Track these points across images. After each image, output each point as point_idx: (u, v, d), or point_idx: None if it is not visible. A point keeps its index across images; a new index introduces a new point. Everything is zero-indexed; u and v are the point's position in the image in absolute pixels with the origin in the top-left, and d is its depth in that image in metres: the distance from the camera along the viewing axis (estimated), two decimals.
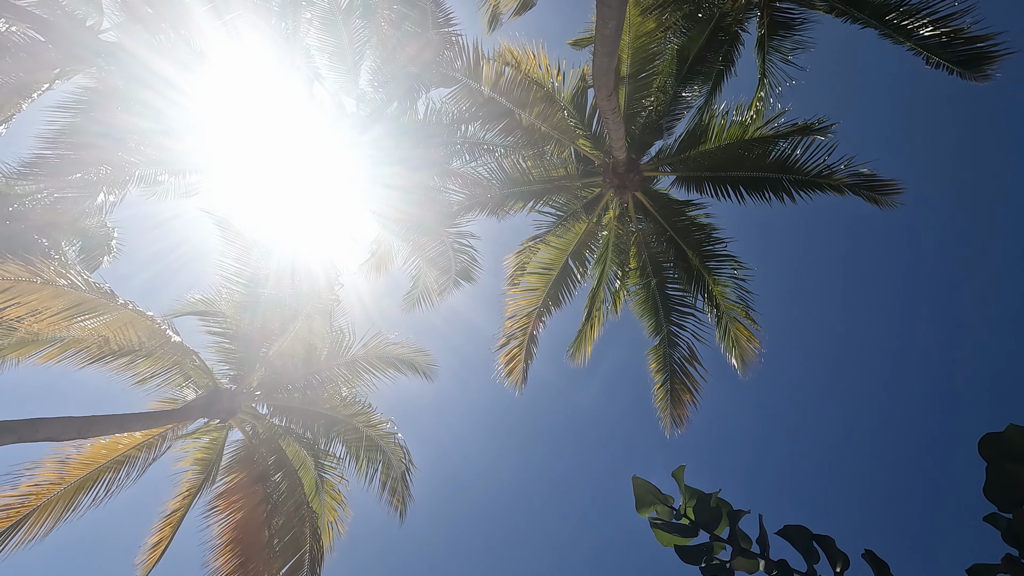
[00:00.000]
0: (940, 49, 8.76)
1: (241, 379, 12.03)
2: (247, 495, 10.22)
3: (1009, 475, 1.13)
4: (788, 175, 10.07)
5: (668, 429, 10.87)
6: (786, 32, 10.52)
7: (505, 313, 11.49)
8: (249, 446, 11.63)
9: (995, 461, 1.17)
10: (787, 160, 9.99)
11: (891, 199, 9.58)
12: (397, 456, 11.58)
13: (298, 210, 11.39)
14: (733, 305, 10.73)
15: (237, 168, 11.25)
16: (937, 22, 8.76)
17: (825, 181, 9.87)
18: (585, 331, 11.65)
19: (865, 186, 9.65)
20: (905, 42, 9.03)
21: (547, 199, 11.48)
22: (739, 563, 1.55)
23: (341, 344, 12.01)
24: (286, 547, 9.28)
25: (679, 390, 10.84)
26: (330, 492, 11.41)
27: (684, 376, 10.84)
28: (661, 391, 11.03)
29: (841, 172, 9.78)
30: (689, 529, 1.57)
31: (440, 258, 11.65)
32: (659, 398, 11.06)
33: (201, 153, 10.41)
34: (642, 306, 11.37)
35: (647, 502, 1.59)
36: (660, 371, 11.07)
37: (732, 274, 10.74)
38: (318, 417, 12.27)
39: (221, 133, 10.44)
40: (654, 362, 11.19)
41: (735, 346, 10.72)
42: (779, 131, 9.94)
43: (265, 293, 10.35)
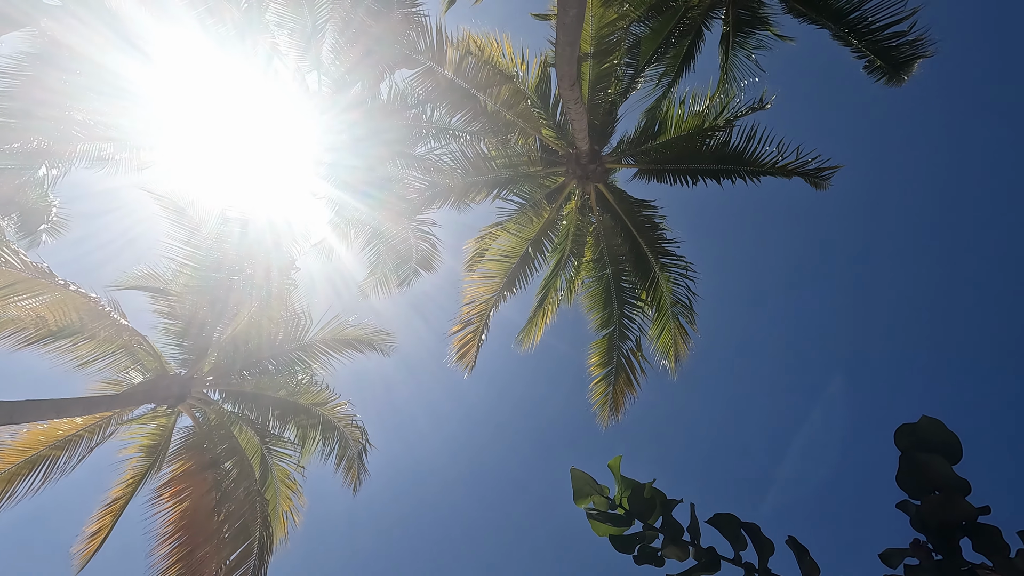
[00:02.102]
0: (884, 52, 9.26)
1: (192, 364, 11.67)
2: (195, 483, 9.94)
3: (920, 464, 1.15)
4: (743, 167, 10.39)
5: (607, 420, 11.02)
6: (749, 29, 10.71)
7: (463, 299, 11.42)
8: (199, 433, 11.31)
9: (908, 451, 1.20)
10: (742, 153, 10.31)
11: (826, 181, 10.10)
12: (355, 437, 11.48)
13: (255, 189, 11.03)
14: (678, 303, 10.97)
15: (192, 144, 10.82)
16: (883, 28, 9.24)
17: (776, 170, 10.26)
18: (537, 318, 11.70)
19: (808, 171, 10.11)
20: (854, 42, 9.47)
21: (510, 188, 11.44)
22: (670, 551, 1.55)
23: (298, 327, 11.77)
24: (235, 535, 9.08)
25: (622, 382, 11.00)
26: (284, 480, 11.22)
27: (629, 368, 11.02)
28: (603, 383, 11.15)
29: (792, 162, 10.19)
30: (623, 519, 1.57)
31: (401, 245, 11.49)
32: (599, 391, 11.17)
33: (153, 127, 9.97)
34: (595, 298, 11.46)
35: (584, 493, 1.58)
36: (604, 364, 11.16)
37: (682, 274, 11.01)
38: (274, 402, 12.01)
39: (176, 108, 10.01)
40: (597, 355, 11.27)
41: (672, 344, 10.98)
42: (737, 113, 10.25)
43: (218, 276, 10.02)
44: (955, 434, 1.19)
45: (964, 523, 1.11)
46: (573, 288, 11.70)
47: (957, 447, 1.18)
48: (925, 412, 1.24)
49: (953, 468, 1.14)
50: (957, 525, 1.12)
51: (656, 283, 11.08)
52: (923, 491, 1.14)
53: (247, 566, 9.06)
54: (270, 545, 9.30)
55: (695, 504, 1.55)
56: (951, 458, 1.16)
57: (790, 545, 1.48)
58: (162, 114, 9.87)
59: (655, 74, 11.08)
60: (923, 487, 1.14)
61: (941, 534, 1.11)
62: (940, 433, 1.19)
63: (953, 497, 1.10)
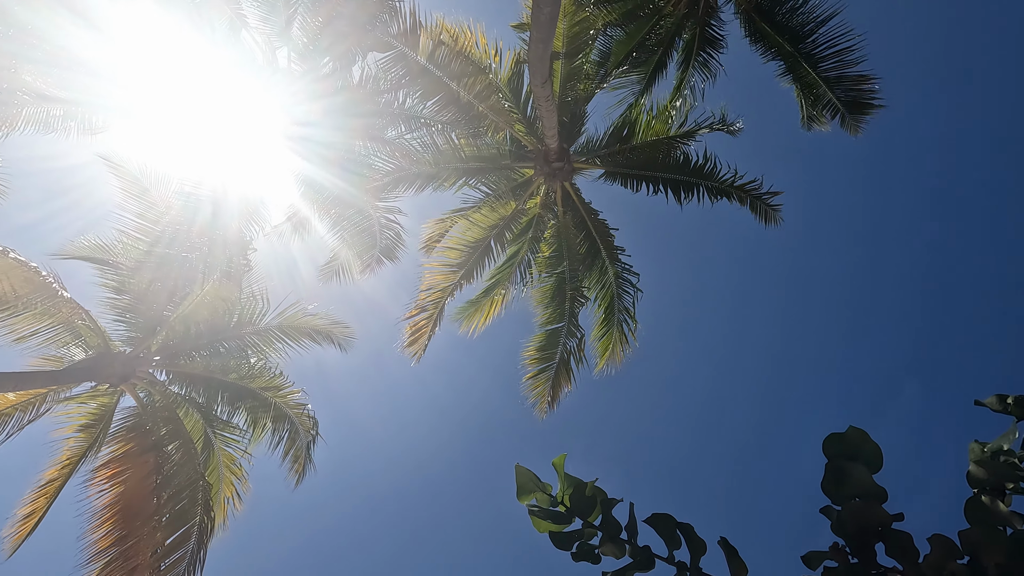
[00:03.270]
0: (834, 83, 9.65)
1: (138, 342, 11.24)
2: (136, 465, 9.60)
3: (843, 472, 1.20)
4: (703, 180, 10.66)
5: (544, 413, 11.15)
6: (712, 50, 10.96)
7: (421, 286, 11.36)
8: (143, 414, 10.92)
9: (834, 459, 1.25)
10: (703, 167, 10.61)
11: (777, 216, 10.51)
12: (305, 427, 11.26)
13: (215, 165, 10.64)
14: (624, 309, 11.18)
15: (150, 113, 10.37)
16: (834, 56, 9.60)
17: (733, 190, 10.56)
18: (484, 304, 11.71)
19: (762, 198, 10.47)
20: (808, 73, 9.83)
21: (479, 178, 11.40)
22: (607, 549, 1.57)
23: (254, 311, 11.47)
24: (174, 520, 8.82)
25: (562, 377, 11.14)
26: (230, 466, 10.95)
27: (567, 366, 11.17)
28: (542, 377, 11.24)
29: (748, 183, 10.55)
30: (564, 516, 1.58)
31: (365, 233, 11.32)
32: (538, 384, 11.26)
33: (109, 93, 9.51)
34: (546, 293, 11.55)
35: (527, 490, 1.59)
36: (546, 359, 11.26)
37: (632, 283, 11.27)
38: (224, 386, 11.69)
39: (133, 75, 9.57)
40: (538, 349, 11.35)
41: (611, 348, 11.22)
42: (699, 125, 10.53)
43: (171, 252, 9.65)
44: (878, 445, 1.24)
45: (879, 529, 1.17)
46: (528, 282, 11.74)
47: (878, 457, 1.23)
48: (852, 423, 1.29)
49: (873, 477, 1.19)
50: (873, 531, 1.17)
51: (608, 287, 11.31)
52: (844, 498, 1.19)
53: (185, 550, 8.82)
54: (210, 529, 9.08)
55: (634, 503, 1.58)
56: (872, 467, 1.21)
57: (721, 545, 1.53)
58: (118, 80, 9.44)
59: (626, 80, 11.23)
60: (845, 494, 1.19)
61: (858, 539, 1.16)
62: (864, 443, 1.24)
63: (871, 504, 1.15)
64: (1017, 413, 1.36)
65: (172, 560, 8.74)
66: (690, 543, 1.51)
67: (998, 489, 1.30)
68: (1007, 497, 1.30)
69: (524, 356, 11.44)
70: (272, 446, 11.19)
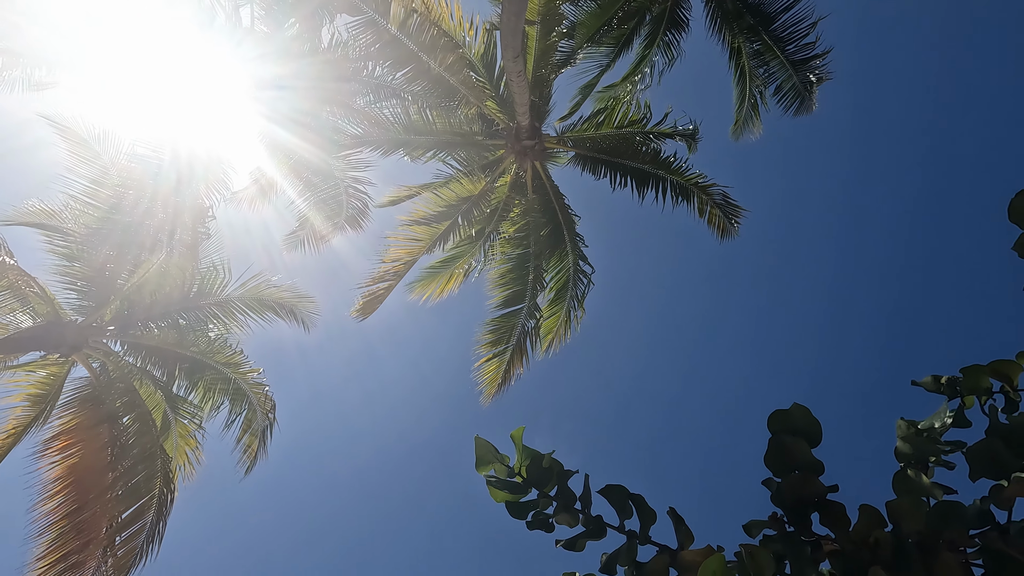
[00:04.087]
0: (798, 66, 9.91)
1: (91, 311, 10.85)
2: (89, 437, 9.34)
3: (784, 446, 1.26)
4: (672, 176, 10.80)
5: (492, 395, 11.20)
6: (676, 32, 11.00)
7: (384, 258, 11.22)
8: (96, 385, 10.60)
9: (777, 434, 1.30)
10: (671, 163, 10.79)
11: (734, 227, 10.74)
12: (264, 408, 11.08)
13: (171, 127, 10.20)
14: (576, 297, 11.36)
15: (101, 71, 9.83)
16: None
17: (696, 190, 10.75)
18: (443, 276, 11.68)
19: (722, 205, 10.70)
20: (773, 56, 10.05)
21: (448, 152, 11.26)
22: (561, 518, 1.61)
23: (214, 282, 11.16)
24: (131, 492, 8.65)
25: (516, 359, 11.20)
26: (184, 437, 10.75)
27: (523, 348, 11.24)
28: (495, 360, 11.26)
29: (712, 184, 10.76)
30: (520, 487, 1.61)
31: (332, 201, 11.09)
32: (491, 367, 11.27)
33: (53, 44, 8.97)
34: (507, 274, 11.54)
35: (486, 461, 1.61)
36: (502, 341, 11.27)
37: (586, 273, 11.39)
38: (181, 359, 11.40)
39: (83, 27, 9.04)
40: (493, 332, 11.36)
41: (556, 332, 11.38)
42: (675, 129, 10.68)
43: (124, 219, 9.28)
44: (818, 421, 1.30)
45: (815, 500, 1.23)
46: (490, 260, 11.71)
47: (818, 433, 1.29)
48: (796, 400, 1.35)
49: (812, 451, 1.25)
50: (810, 501, 1.23)
51: (564, 272, 11.42)
52: (785, 470, 1.25)
53: (143, 522, 8.69)
54: (170, 501, 8.95)
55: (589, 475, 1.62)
56: (812, 442, 1.27)
57: (670, 515, 1.59)
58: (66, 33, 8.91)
59: (596, 53, 11.16)
60: (785, 467, 1.25)
61: (795, 509, 1.22)
62: (806, 419, 1.30)
63: (808, 476, 1.21)
64: (948, 393, 1.43)
65: (129, 533, 8.60)
66: (641, 513, 1.56)
67: (922, 463, 1.38)
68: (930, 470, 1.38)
69: (477, 338, 11.43)
70: (227, 425, 11.00)
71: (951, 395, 1.44)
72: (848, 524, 1.22)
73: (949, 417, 1.42)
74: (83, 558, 8.09)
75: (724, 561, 1.15)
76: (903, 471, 1.26)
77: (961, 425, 1.43)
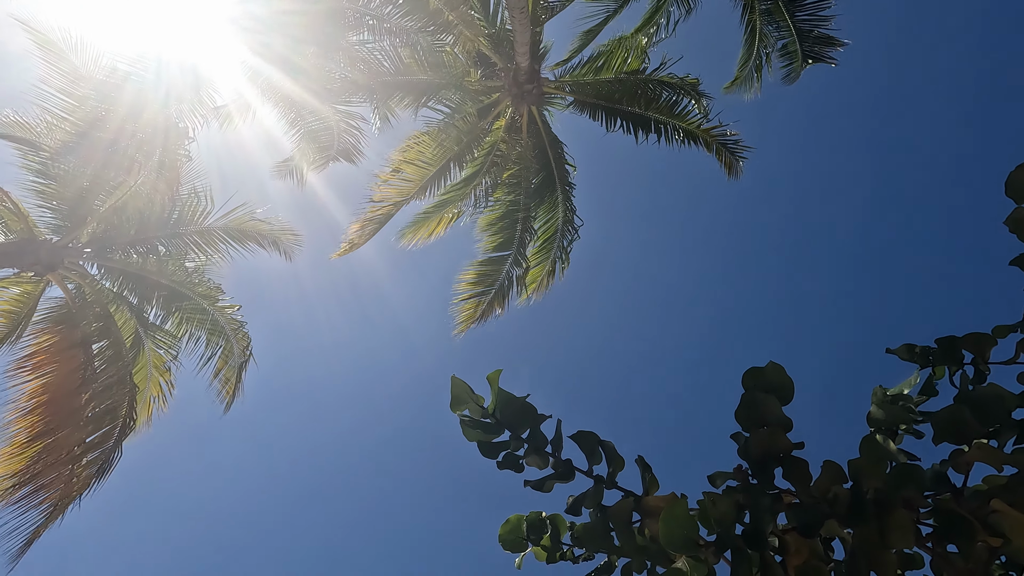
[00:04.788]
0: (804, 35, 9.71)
1: (66, 231, 10.60)
2: (63, 359, 9.29)
3: (756, 402, 1.27)
4: (673, 121, 10.57)
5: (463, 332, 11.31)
6: None
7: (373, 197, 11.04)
8: (71, 307, 10.46)
9: (750, 390, 1.32)
10: (673, 107, 10.49)
11: (739, 168, 10.63)
12: (241, 345, 11.07)
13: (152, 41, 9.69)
14: (562, 248, 11.37)
15: None
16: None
17: (701, 134, 10.54)
18: (431, 221, 11.58)
19: (728, 146, 10.52)
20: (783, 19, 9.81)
21: (443, 95, 10.94)
22: (532, 460, 1.63)
23: (195, 210, 10.91)
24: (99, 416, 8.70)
25: (494, 303, 11.27)
26: (158, 368, 10.75)
27: (504, 294, 11.31)
28: (473, 302, 11.32)
29: (715, 127, 10.55)
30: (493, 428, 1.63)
31: (323, 133, 10.79)
32: (468, 307, 11.33)
33: None
34: (496, 220, 11.44)
35: (461, 401, 1.62)
36: (484, 284, 11.29)
37: (575, 223, 11.34)
38: (159, 287, 11.26)
39: None
40: (477, 275, 11.35)
41: (539, 281, 11.44)
42: (673, 79, 10.40)
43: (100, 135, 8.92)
44: (791, 380, 1.32)
45: (781, 455, 1.25)
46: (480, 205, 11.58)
47: (790, 391, 1.31)
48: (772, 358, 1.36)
49: (783, 408, 1.27)
50: (775, 456, 1.25)
51: (553, 223, 11.37)
52: (754, 425, 1.27)
53: (105, 447, 8.79)
54: (133, 426, 9.03)
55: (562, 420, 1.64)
56: (784, 400, 1.29)
57: (638, 463, 1.62)
58: None
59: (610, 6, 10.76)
60: (755, 422, 1.27)
61: (760, 463, 1.24)
62: (780, 377, 1.31)
63: (776, 432, 1.23)
64: (920, 362, 1.46)
65: (94, 456, 8.71)
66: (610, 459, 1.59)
67: (891, 430, 1.41)
68: (898, 437, 1.41)
69: (460, 277, 11.44)
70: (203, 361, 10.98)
71: (923, 364, 1.46)
72: (809, 480, 1.26)
73: (918, 386, 1.44)
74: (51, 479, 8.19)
75: (687, 507, 1.18)
76: (871, 436, 1.29)
77: (928, 394, 1.46)
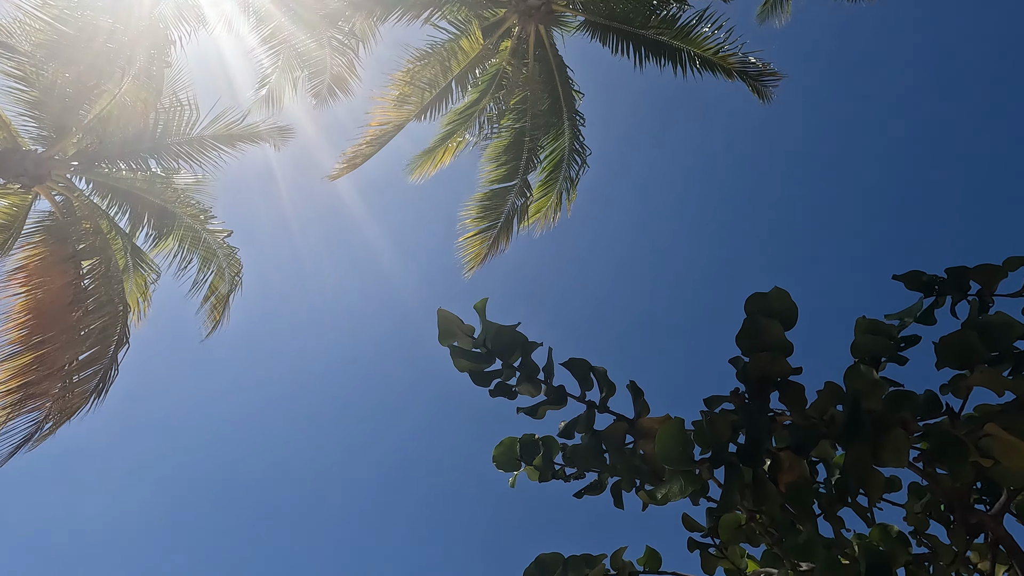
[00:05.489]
0: None
1: (51, 142, 10.30)
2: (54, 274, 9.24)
3: (758, 326, 1.25)
4: (689, 47, 10.06)
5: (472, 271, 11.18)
6: None
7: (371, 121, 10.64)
8: (60, 221, 10.32)
9: (753, 315, 1.29)
10: (691, 32, 9.94)
11: (770, 91, 10.11)
12: (233, 270, 11.00)
13: None
14: (569, 177, 11.04)
15: None
16: None
17: (719, 61, 10.02)
18: (437, 152, 11.24)
19: (751, 73, 10.01)
20: None
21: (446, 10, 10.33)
22: (524, 388, 1.63)
23: (181, 119, 10.56)
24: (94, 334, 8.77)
25: (502, 237, 11.08)
26: (139, 285, 10.76)
27: (510, 226, 11.07)
28: (480, 236, 11.12)
29: (734, 57, 9.98)
30: (484, 357, 1.61)
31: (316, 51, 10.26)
32: (474, 244, 11.15)
33: None
34: (501, 149, 11.08)
35: (450, 332, 1.59)
36: (489, 218, 11.07)
37: (582, 152, 10.95)
38: (149, 205, 11.08)
39: None
40: (480, 208, 11.12)
41: (546, 213, 11.15)
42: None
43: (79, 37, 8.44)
44: (795, 305, 1.29)
45: (778, 379, 1.24)
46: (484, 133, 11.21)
47: (794, 315, 1.28)
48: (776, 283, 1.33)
49: (785, 333, 1.25)
50: (772, 380, 1.24)
51: (559, 152, 10.97)
52: (754, 349, 1.25)
53: (101, 364, 8.92)
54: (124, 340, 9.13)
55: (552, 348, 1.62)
56: (787, 324, 1.26)
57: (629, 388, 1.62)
58: None
59: None
60: (755, 346, 1.25)
61: (758, 386, 1.23)
62: (784, 303, 1.28)
63: (776, 355, 1.21)
64: (925, 291, 1.43)
65: (87, 374, 8.84)
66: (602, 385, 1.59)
67: (875, 359, 1.40)
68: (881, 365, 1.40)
69: (464, 212, 11.19)
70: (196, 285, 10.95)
71: (928, 293, 1.44)
72: (805, 404, 1.26)
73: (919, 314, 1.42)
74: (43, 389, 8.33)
75: (683, 426, 1.18)
76: (856, 365, 1.28)
77: (927, 322, 1.44)
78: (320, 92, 10.37)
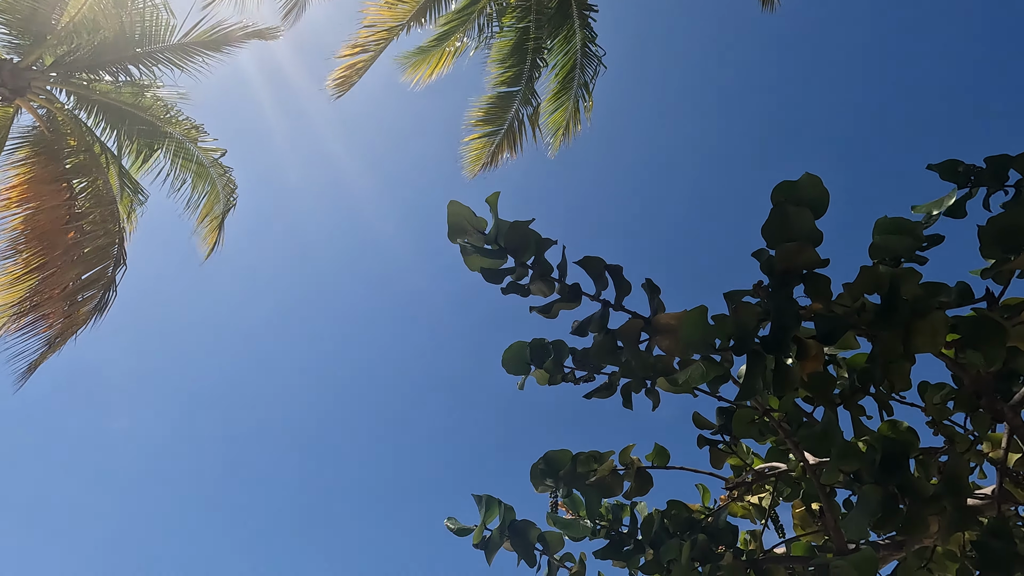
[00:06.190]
0: None
1: (27, 51, 9.80)
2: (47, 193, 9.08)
3: (786, 214, 1.19)
4: None
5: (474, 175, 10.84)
6: None
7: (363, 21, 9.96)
8: (46, 137, 10.00)
9: (780, 204, 1.23)
10: None
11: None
12: (227, 191, 10.77)
13: None
14: (584, 83, 10.44)
15: None
16: None
17: None
18: (434, 55, 10.62)
19: None
20: None
21: None
22: (537, 287, 1.59)
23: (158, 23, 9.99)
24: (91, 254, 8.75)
25: (506, 144, 10.67)
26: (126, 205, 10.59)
27: (514, 134, 10.64)
28: (483, 140, 10.72)
29: None
30: (497, 253, 1.56)
31: None
32: (476, 147, 10.76)
33: None
34: (505, 50, 10.45)
35: (460, 228, 1.53)
36: (493, 122, 10.61)
37: (596, 53, 10.29)
38: (137, 120, 10.68)
39: None
40: (485, 111, 10.63)
41: (563, 124, 10.63)
42: None
43: None
44: (827, 191, 1.22)
45: (804, 271, 1.20)
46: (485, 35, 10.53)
47: (825, 203, 1.21)
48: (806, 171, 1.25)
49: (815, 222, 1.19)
50: (798, 272, 1.20)
51: (571, 55, 10.27)
52: (781, 240, 1.19)
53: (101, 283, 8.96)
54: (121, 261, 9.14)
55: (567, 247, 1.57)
56: (817, 213, 1.20)
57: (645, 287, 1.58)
58: None
59: None
60: (782, 236, 1.19)
61: (782, 277, 1.19)
62: (816, 189, 1.21)
63: (804, 245, 1.16)
64: (960, 181, 1.36)
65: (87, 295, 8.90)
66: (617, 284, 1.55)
67: (896, 261, 1.35)
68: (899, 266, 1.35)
69: (468, 115, 10.71)
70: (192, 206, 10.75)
71: (962, 184, 1.36)
72: (830, 297, 1.22)
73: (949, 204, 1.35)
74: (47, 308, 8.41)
75: (706, 314, 1.14)
76: (875, 267, 1.23)
77: (956, 215, 1.38)
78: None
